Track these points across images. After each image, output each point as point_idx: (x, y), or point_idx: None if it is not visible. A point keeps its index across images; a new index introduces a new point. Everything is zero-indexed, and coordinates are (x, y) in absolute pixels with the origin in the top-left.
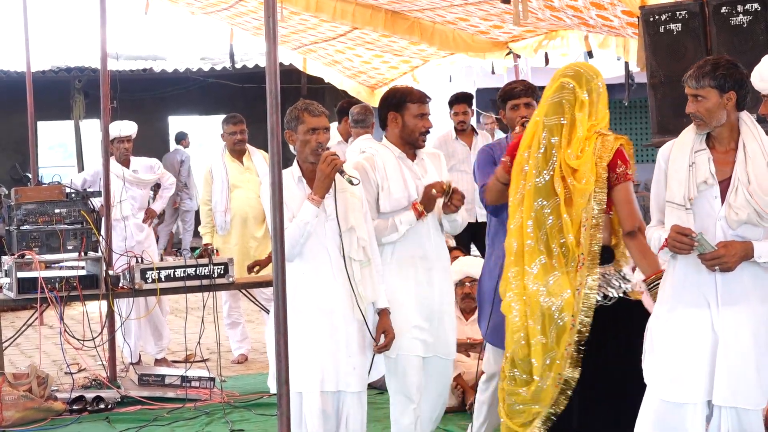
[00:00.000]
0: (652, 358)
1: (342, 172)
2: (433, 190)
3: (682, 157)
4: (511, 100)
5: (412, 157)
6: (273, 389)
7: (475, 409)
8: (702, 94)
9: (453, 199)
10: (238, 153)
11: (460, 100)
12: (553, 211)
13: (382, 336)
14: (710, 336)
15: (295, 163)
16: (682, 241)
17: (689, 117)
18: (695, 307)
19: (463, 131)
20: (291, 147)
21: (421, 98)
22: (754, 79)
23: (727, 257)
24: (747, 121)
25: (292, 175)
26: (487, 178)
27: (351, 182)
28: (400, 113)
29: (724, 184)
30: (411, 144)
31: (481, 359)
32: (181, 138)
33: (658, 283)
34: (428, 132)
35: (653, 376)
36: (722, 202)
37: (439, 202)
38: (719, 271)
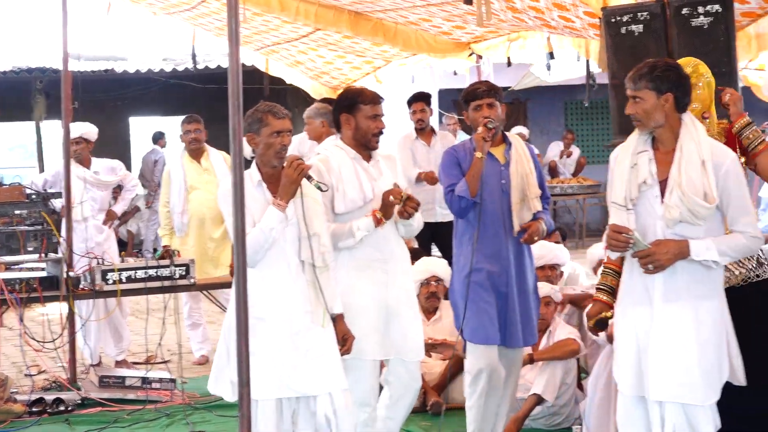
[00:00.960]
0: (615, 354)
1: (309, 178)
2: (391, 197)
3: (624, 159)
4: (474, 100)
5: (367, 158)
6: (212, 391)
7: (467, 415)
8: (639, 95)
9: (407, 205)
10: (196, 153)
11: (417, 98)
12: None
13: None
14: (649, 332)
15: (253, 166)
16: (617, 239)
17: None
18: (640, 305)
19: (422, 130)
20: (250, 150)
21: (373, 99)
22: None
23: (659, 255)
24: (688, 122)
25: (250, 178)
26: (453, 179)
27: (320, 188)
28: (352, 115)
29: (665, 185)
30: (364, 145)
31: (446, 358)
32: (158, 138)
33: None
34: (381, 133)
35: (615, 371)
36: (663, 201)
37: (397, 207)
38: (652, 269)
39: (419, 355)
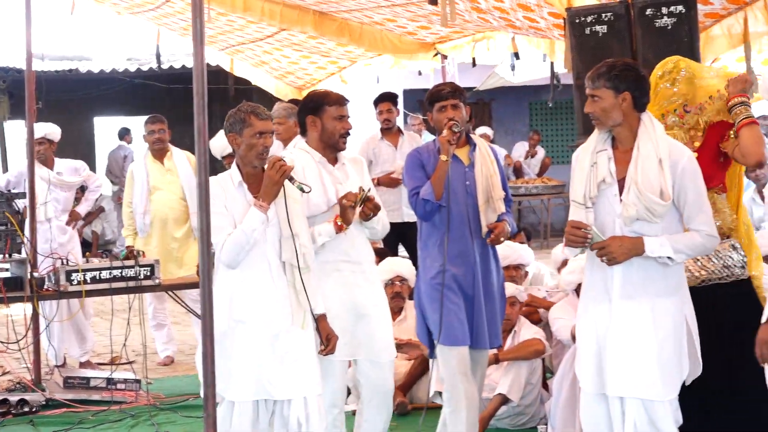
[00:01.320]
0: (577, 351)
1: (291, 179)
2: (344, 201)
3: (585, 158)
4: (438, 101)
5: (333, 161)
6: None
7: (448, 420)
8: (597, 94)
9: (365, 206)
10: (159, 154)
11: (384, 98)
12: None
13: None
14: (608, 329)
15: (234, 166)
16: (575, 234)
17: None
18: (599, 302)
19: (389, 130)
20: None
21: (339, 100)
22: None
23: (613, 248)
24: (646, 121)
25: (231, 179)
26: (417, 182)
27: (302, 190)
28: (318, 117)
29: (624, 183)
30: (332, 147)
31: (411, 358)
32: (124, 134)
33: None
34: (348, 134)
35: (577, 368)
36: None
37: (358, 208)
38: (607, 263)
39: (390, 356)
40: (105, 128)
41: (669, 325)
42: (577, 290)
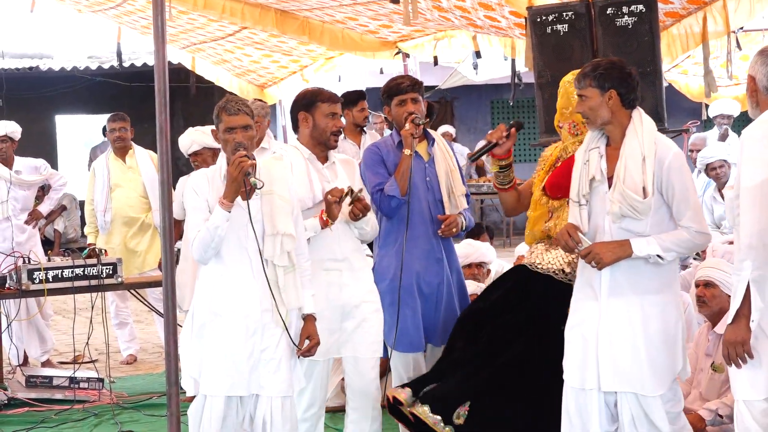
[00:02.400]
0: (565, 348)
1: (248, 175)
2: (329, 196)
3: (579, 156)
4: (397, 95)
5: (323, 159)
6: (189, 391)
7: None
8: (585, 93)
9: (354, 207)
10: (121, 152)
11: (361, 96)
12: None
13: (306, 341)
14: (597, 326)
15: (223, 159)
16: (564, 238)
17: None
18: (587, 301)
19: (362, 129)
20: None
21: (332, 98)
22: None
23: (600, 250)
24: (635, 119)
25: (219, 172)
26: (380, 178)
27: (255, 186)
28: (310, 113)
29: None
30: (323, 144)
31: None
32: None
33: None
34: (340, 132)
35: (564, 364)
36: None
37: (347, 208)
38: (596, 266)
39: (373, 353)
40: (67, 127)
41: (658, 322)
42: None
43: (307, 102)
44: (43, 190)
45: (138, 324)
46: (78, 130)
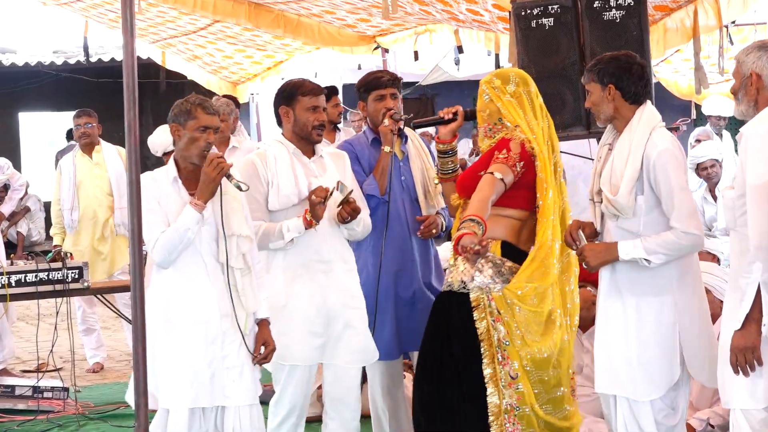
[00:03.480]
0: None
1: (229, 177)
2: (313, 197)
3: (596, 153)
4: (376, 90)
5: (310, 153)
6: (131, 402)
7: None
8: (589, 88)
9: (343, 209)
10: (87, 148)
11: (333, 92)
12: None
13: (262, 347)
14: (595, 327)
15: (171, 161)
16: (566, 235)
17: (564, 114)
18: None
19: (335, 126)
20: (172, 142)
21: (313, 90)
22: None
23: (587, 253)
24: (636, 114)
25: (166, 174)
26: (357, 176)
27: (240, 188)
28: (291, 107)
29: None
30: (305, 139)
31: None
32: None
33: None
34: (322, 126)
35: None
36: None
37: (335, 206)
38: (586, 267)
39: (356, 362)
40: (30, 124)
41: (653, 325)
42: None
43: (287, 95)
44: (6, 191)
45: (105, 331)
46: (42, 128)
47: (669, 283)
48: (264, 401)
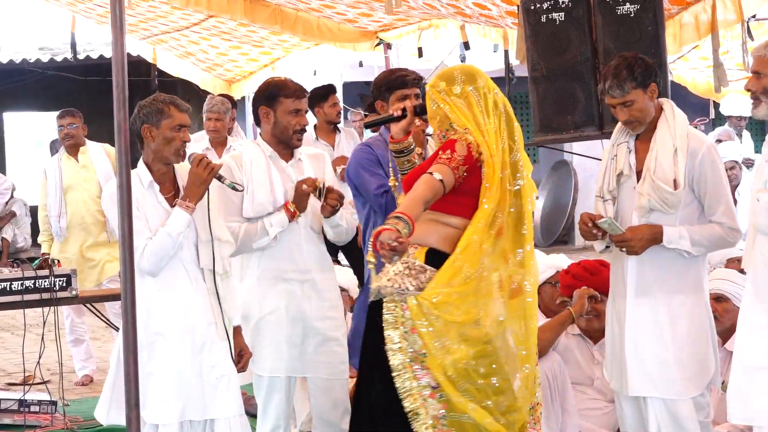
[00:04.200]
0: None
1: (220, 177)
2: (304, 186)
3: (606, 151)
4: (400, 89)
5: (288, 157)
6: (102, 419)
7: None
8: (630, 99)
9: (328, 198)
10: (72, 150)
11: (331, 90)
12: None
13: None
14: (625, 327)
15: (141, 164)
16: (582, 228)
17: (576, 114)
18: (619, 298)
19: (335, 126)
20: (143, 144)
21: (296, 92)
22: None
23: (633, 240)
24: (667, 110)
25: (139, 179)
26: (382, 179)
27: (235, 188)
28: (272, 108)
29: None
30: (284, 143)
31: (351, 376)
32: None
33: None
34: (304, 130)
35: (604, 367)
36: None
37: (317, 205)
38: (627, 254)
39: (340, 374)
40: (15, 124)
41: (686, 322)
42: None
43: (268, 96)
44: None
45: (95, 341)
46: (28, 129)
47: (696, 280)
48: (251, 413)
